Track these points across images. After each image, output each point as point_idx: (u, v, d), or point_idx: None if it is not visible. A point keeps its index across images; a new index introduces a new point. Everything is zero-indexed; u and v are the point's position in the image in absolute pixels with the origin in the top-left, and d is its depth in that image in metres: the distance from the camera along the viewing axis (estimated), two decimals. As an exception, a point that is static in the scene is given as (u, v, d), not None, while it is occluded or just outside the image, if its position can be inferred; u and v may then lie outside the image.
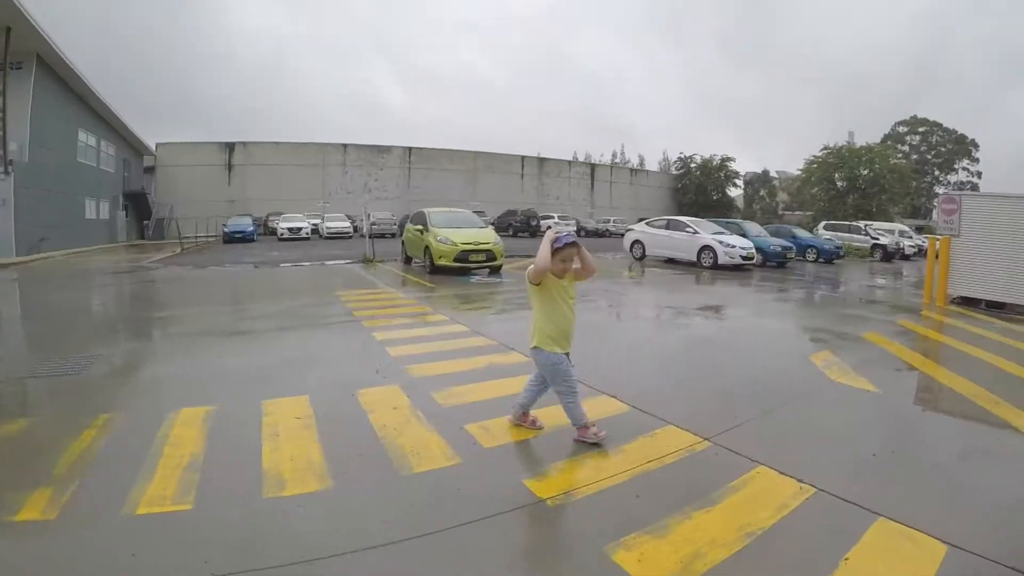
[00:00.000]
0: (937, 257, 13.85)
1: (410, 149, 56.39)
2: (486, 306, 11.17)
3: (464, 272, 16.08)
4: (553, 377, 4.55)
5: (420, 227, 17.00)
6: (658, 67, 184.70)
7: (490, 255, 16.23)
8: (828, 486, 3.89)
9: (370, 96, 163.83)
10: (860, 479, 4.14)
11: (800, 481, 3.95)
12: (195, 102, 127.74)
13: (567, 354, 4.57)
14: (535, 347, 4.57)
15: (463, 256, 15.70)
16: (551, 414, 4.91)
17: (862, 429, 5.20)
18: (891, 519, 3.53)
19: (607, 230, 48.35)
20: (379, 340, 7.77)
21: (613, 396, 5.57)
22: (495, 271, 16.54)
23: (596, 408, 5.14)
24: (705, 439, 4.63)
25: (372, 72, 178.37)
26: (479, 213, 43.20)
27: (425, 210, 18.05)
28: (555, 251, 4.35)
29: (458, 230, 16.52)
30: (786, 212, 66.94)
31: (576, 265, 4.53)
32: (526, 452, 4.40)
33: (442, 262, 15.71)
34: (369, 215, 39.32)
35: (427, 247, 16.19)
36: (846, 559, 3.08)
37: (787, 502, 3.66)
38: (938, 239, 13.92)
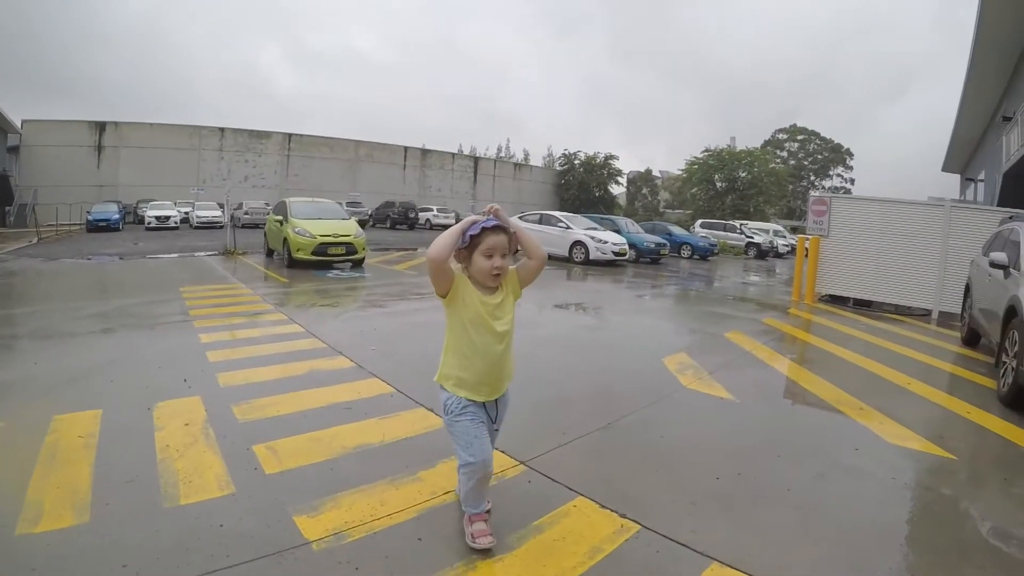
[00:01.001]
0: (807, 256, 14.40)
1: (290, 136, 54.14)
2: (334, 304, 10.51)
3: (324, 266, 15.46)
4: (449, 427, 3.08)
5: (280, 218, 16.40)
6: (549, 62, 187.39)
7: (351, 248, 15.72)
8: (656, 522, 3.40)
9: (253, 77, 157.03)
10: (696, 511, 3.62)
11: (623, 516, 3.45)
12: (67, 73, 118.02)
13: (483, 405, 3.08)
14: (438, 383, 3.14)
15: (321, 249, 15.17)
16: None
17: (709, 446, 4.76)
18: (725, 564, 3.04)
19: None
20: (203, 343, 7.21)
21: (431, 410, 5.03)
22: (357, 265, 16.04)
23: (406, 424, 4.76)
24: (521, 463, 4.11)
25: (256, 51, 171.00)
26: (356, 204, 42.32)
27: (286, 200, 17.48)
28: (472, 240, 2.88)
29: (318, 222, 15.96)
30: (667, 210, 68.71)
31: (508, 264, 2.98)
32: (310, 479, 3.80)
33: (300, 255, 15.13)
34: (241, 204, 37.61)
35: (285, 239, 15.55)
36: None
37: (601, 545, 3.15)
38: (807, 239, 14.45)
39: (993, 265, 7.68)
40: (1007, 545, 3.54)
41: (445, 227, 33.71)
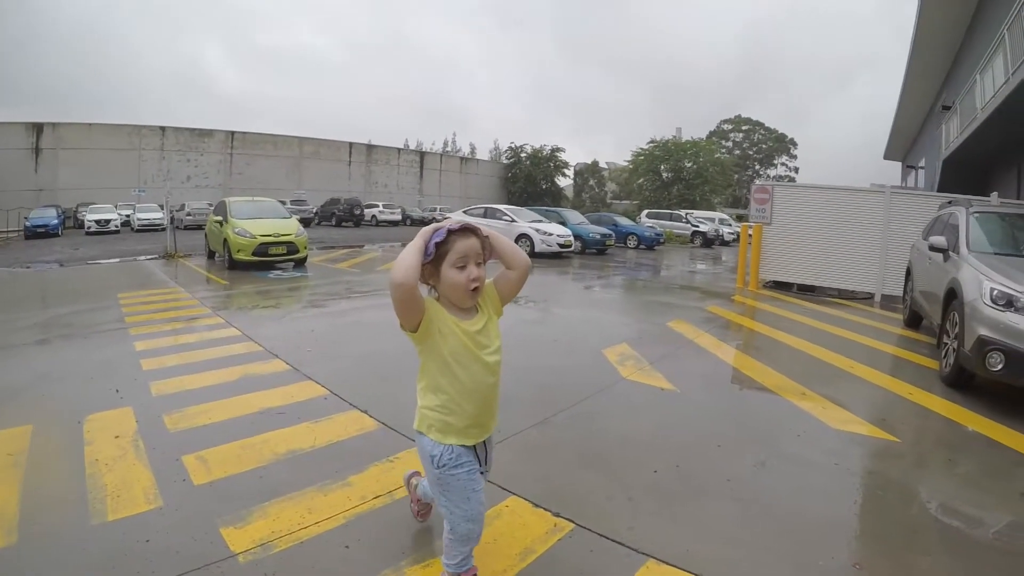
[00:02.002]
0: (750, 244, 14.64)
1: (233, 133, 53.03)
2: (273, 306, 10.32)
3: (266, 267, 15.22)
4: (433, 484, 2.52)
5: (220, 218, 16.14)
6: (496, 56, 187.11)
7: (292, 248, 15.46)
8: (591, 520, 3.32)
9: (198, 74, 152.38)
10: (633, 506, 3.54)
11: (557, 515, 3.37)
12: (2, 74, 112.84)
13: (473, 449, 2.49)
14: (417, 430, 2.52)
15: (262, 249, 14.93)
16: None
17: (647, 438, 4.66)
18: (662, 561, 2.97)
19: (434, 219, 47.72)
20: (138, 350, 6.97)
21: (365, 411, 4.95)
22: (299, 264, 15.87)
23: (339, 427, 4.64)
24: None
25: (201, 48, 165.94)
26: (300, 202, 41.66)
27: (226, 200, 17.25)
28: (438, 250, 2.29)
29: (258, 221, 15.62)
30: (615, 201, 69.15)
31: (484, 274, 2.39)
32: (238, 489, 3.69)
33: (240, 256, 14.83)
34: (183, 205, 36.68)
35: (225, 240, 15.30)
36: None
37: (534, 546, 3.08)
38: (751, 227, 14.73)
39: (933, 249, 7.82)
40: (952, 525, 3.55)
41: (392, 223, 32.36)
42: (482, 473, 2.56)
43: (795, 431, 4.91)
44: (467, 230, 2.32)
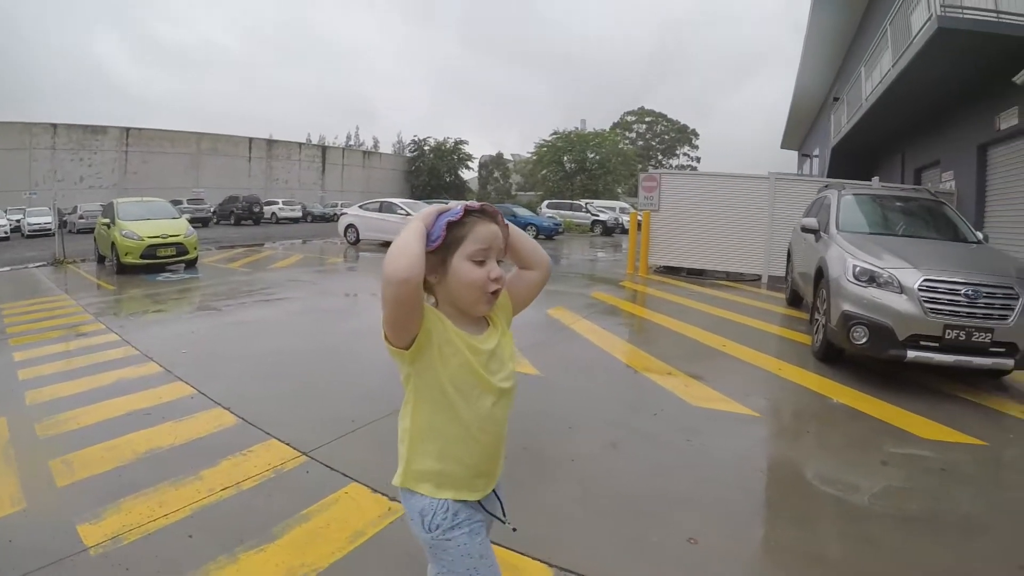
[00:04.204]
0: (639, 230, 14.98)
1: (128, 130, 50.40)
2: (156, 310, 9.99)
3: (156, 269, 14.79)
4: (434, 552, 1.74)
5: (108, 221, 15.46)
6: (400, 49, 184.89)
7: (181, 249, 15.02)
8: None
9: (92, 68, 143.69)
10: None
11: (392, 500, 3.43)
12: None
13: (479, 503, 1.78)
14: (403, 487, 1.80)
15: (150, 252, 14.43)
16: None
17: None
18: (495, 543, 2.86)
19: (335, 214, 46.83)
20: (16, 361, 6.82)
21: (228, 409, 4.99)
22: (190, 266, 15.46)
23: (200, 425, 4.67)
24: (303, 453, 4.12)
25: (93, 35, 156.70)
26: (198, 201, 40.09)
27: (114, 201, 16.70)
28: (448, 235, 1.63)
29: (147, 222, 15.15)
30: (519, 193, 69.43)
31: (497, 273, 1.70)
32: (98, 487, 3.75)
33: (128, 260, 14.27)
34: (76, 207, 34.74)
35: (113, 243, 14.69)
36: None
37: (365, 529, 3.18)
38: (640, 214, 15.10)
39: (804, 230, 8.15)
40: (802, 496, 3.68)
41: (292, 220, 31.54)
42: (504, 523, 1.93)
43: (653, 410, 4.99)
44: (488, 213, 1.71)
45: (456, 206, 1.66)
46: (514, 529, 2.01)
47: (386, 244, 21.20)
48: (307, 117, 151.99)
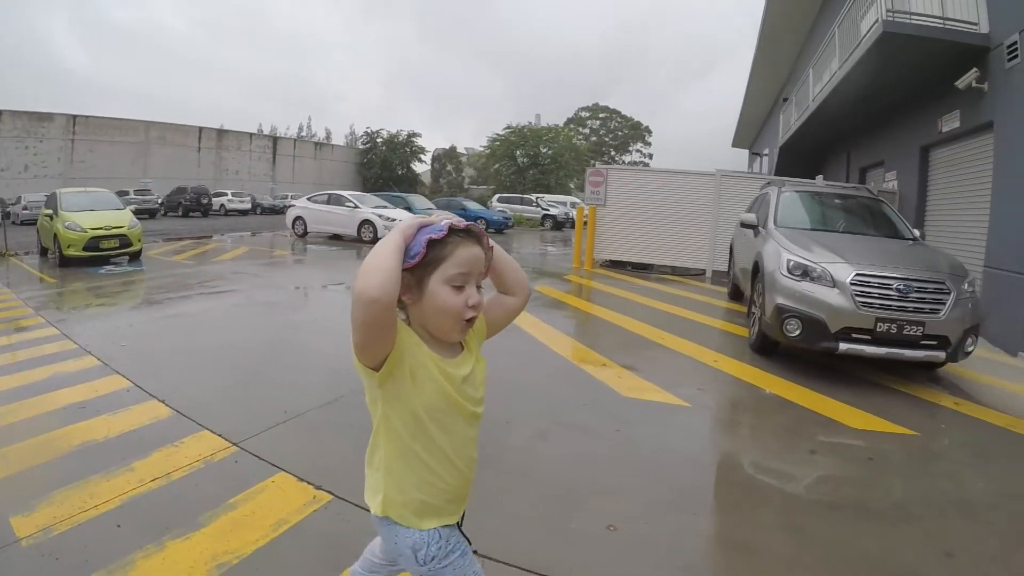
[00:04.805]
0: (585, 225, 15.18)
1: (75, 117, 48.50)
2: (98, 303, 9.80)
3: (99, 262, 14.38)
4: None
5: (51, 212, 15.03)
6: (355, 40, 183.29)
7: (125, 241, 14.63)
8: (350, 491, 3.48)
9: (40, 53, 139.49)
10: None
11: (318, 488, 3.53)
12: None
13: (458, 526, 1.78)
14: (383, 517, 1.72)
15: (93, 244, 14.01)
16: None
17: None
18: None
19: (285, 206, 46.15)
20: None
21: (163, 401, 4.98)
22: (134, 258, 15.13)
23: (134, 417, 4.65)
24: (234, 444, 4.16)
25: (41, 17, 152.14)
26: (145, 192, 39.03)
27: (57, 191, 16.29)
28: (428, 253, 1.51)
29: (90, 213, 14.76)
30: (472, 186, 69.41)
31: (475, 300, 1.60)
32: (32, 481, 3.75)
33: (71, 252, 13.88)
34: (20, 197, 33.59)
35: (56, 235, 14.28)
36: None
37: (289, 517, 3.26)
38: (586, 208, 15.30)
39: (743, 225, 8.37)
40: (724, 483, 3.79)
41: (241, 212, 30.95)
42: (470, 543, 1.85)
43: (584, 401, 5.06)
44: (474, 234, 1.61)
45: (440, 221, 1.56)
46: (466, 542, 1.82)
47: (335, 237, 21.30)
48: (259, 107, 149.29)
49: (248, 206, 43.97)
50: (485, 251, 1.61)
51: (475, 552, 1.91)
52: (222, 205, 41.60)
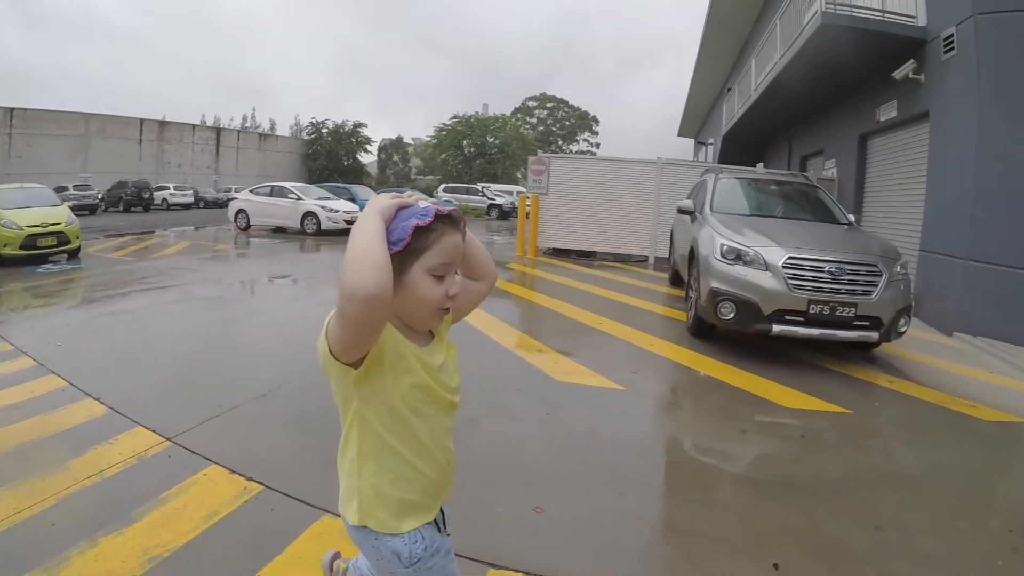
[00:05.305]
0: (528, 214, 15.35)
1: (11, 110, 46.78)
2: (35, 304, 9.54)
3: (37, 260, 13.99)
4: None
5: None
6: (299, 29, 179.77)
7: (63, 238, 14.25)
8: (280, 482, 3.51)
9: None
10: (325, 468, 3.55)
11: (249, 479, 3.57)
12: None
13: (437, 524, 1.70)
14: (360, 527, 1.60)
15: (30, 242, 13.60)
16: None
17: None
18: (336, 515, 3.04)
19: (228, 199, 45.30)
20: None
21: (98, 399, 4.90)
22: (73, 256, 14.69)
23: (69, 416, 4.58)
24: (167, 439, 4.16)
25: None
26: (84, 187, 37.88)
27: None
28: (413, 240, 1.40)
29: (26, 211, 14.36)
30: (419, 177, 69.09)
31: (455, 290, 1.53)
32: None
33: (7, 251, 13.44)
34: None
35: None
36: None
37: (220, 508, 3.29)
38: (529, 197, 15.41)
39: (680, 211, 8.54)
40: (654, 464, 3.85)
41: (184, 206, 30.26)
42: (448, 536, 1.79)
43: (517, 386, 5.14)
44: (455, 220, 1.50)
45: (420, 204, 1.46)
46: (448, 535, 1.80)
47: (278, 229, 21.06)
48: (201, 97, 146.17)
49: (191, 200, 42.96)
50: (463, 238, 1.55)
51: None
52: (164, 199, 40.58)
